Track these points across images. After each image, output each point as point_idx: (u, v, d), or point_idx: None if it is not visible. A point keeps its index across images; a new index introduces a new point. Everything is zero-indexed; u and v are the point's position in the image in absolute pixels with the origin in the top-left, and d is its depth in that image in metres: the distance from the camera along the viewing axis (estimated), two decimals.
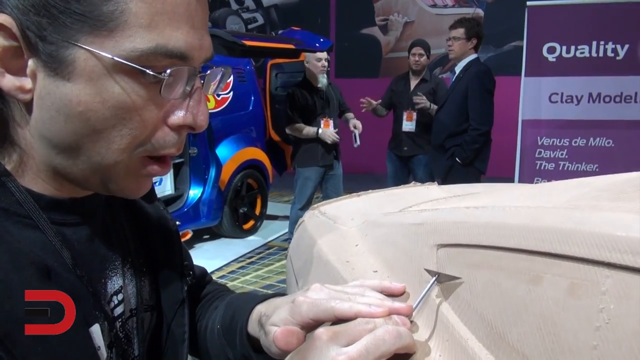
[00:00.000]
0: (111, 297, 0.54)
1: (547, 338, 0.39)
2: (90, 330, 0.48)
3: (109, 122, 0.43)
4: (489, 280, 0.47)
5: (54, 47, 0.41)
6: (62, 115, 0.42)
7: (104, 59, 0.41)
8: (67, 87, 0.42)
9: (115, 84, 0.42)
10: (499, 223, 0.49)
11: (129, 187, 0.48)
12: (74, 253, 0.48)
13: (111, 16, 0.40)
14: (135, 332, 0.58)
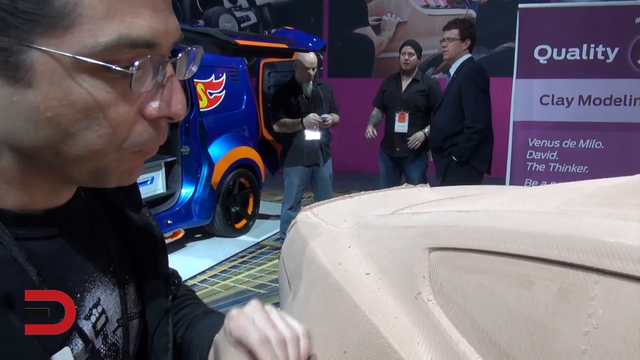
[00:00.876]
0: (90, 310, 0.52)
1: (537, 342, 0.40)
2: (54, 357, 0.44)
3: (83, 124, 0.40)
4: (480, 284, 0.48)
5: (7, 52, 0.37)
6: (30, 123, 0.40)
7: (64, 59, 0.38)
8: (30, 93, 0.39)
9: (81, 83, 0.39)
10: (490, 227, 0.49)
11: (121, 176, 0.47)
12: (42, 269, 0.45)
13: (64, 11, 0.37)
14: (121, 341, 0.56)
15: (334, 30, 8.26)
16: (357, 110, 5.66)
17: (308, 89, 3.97)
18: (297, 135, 3.96)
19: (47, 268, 0.46)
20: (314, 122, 3.86)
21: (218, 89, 4.64)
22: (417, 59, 4.02)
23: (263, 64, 5.06)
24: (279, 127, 4.05)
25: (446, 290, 0.52)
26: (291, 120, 3.93)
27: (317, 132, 3.93)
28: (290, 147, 4.00)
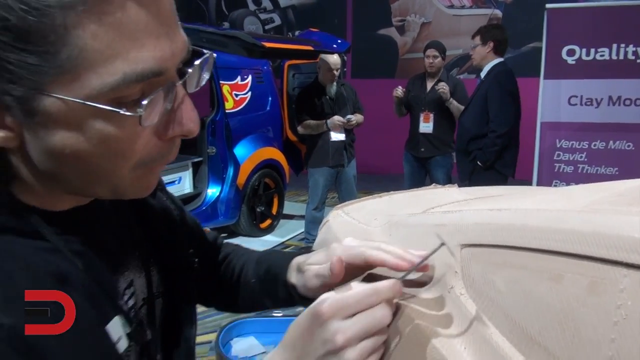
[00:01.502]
0: (123, 292, 0.57)
1: (567, 332, 0.42)
2: (107, 328, 0.50)
3: (101, 156, 0.43)
4: (512, 279, 0.50)
5: (21, 100, 0.40)
6: (54, 158, 0.43)
7: (74, 104, 0.40)
8: (49, 134, 0.42)
9: (94, 124, 0.42)
10: (521, 225, 0.52)
11: (139, 191, 0.51)
12: (84, 259, 0.50)
13: (70, 61, 0.39)
14: (147, 319, 0.61)
15: (358, 31, 8.28)
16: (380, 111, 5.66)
17: (332, 90, 4.00)
18: (322, 136, 3.99)
19: (85, 256, 0.50)
20: (338, 124, 3.89)
21: (244, 90, 4.72)
22: (442, 60, 4.01)
23: (288, 66, 5.12)
24: (303, 129, 4.09)
25: (478, 285, 0.55)
26: (315, 122, 3.97)
27: (342, 133, 3.96)
28: (315, 148, 4.04)
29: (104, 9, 0.38)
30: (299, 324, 0.51)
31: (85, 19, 0.38)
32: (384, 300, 0.51)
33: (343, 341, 0.47)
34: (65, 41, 0.38)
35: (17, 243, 0.45)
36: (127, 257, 0.59)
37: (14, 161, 0.46)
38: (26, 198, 0.48)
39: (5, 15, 0.36)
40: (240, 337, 1.94)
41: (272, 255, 0.77)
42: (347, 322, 0.48)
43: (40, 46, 0.38)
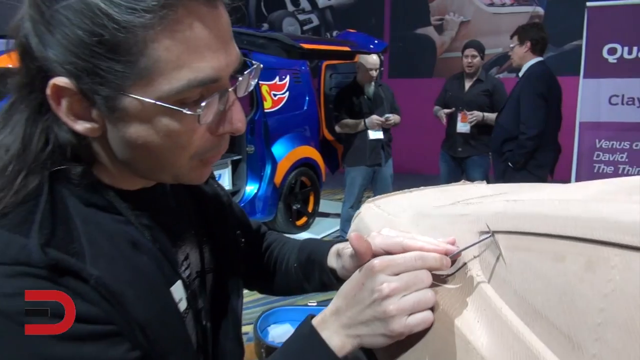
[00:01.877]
0: (181, 263, 0.67)
1: (565, 304, 0.48)
2: (171, 289, 0.60)
3: (165, 146, 0.53)
4: (522, 260, 0.56)
5: (107, 99, 0.49)
6: (128, 147, 0.53)
7: (147, 103, 0.49)
8: (125, 127, 0.51)
9: (161, 120, 0.51)
10: (531, 213, 0.58)
11: (195, 178, 0.59)
12: (150, 232, 0.60)
13: (146, 69, 0.48)
14: (198, 290, 0.71)
15: (395, 31, 8.28)
16: (418, 111, 5.67)
17: (370, 90, 4.05)
18: (359, 135, 4.04)
19: (152, 229, 0.61)
20: (376, 122, 3.94)
21: (282, 90, 4.82)
22: (481, 60, 3.97)
23: (325, 66, 5.20)
24: (341, 128, 4.15)
25: (492, 267, 0.61)
26: (353, 121, 4.03)
27: (379, 132, 4.01)
28: (353, 147, 4.09)
29: (175, 28, 0.47)
30: (353, 277, 0.59)
31: (161, 36, 0.47)
32: (427, 268, 0.58)
33: (388, 291, 0.55)
34: (144, 53, 0.47)
35: (99, 215, 0.55)
36: (184, 233, 0.69)
37: (97, 148, 0.56)
38: (105, 178, 0.58)
39: (101, 32, 0.46)
40: (276, 324, 2.05)
41: (313, 243, 0.85)
42: (393, 277, 0.56)
43: (125, 56, 0.47)
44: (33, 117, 0.53)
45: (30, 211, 0.50)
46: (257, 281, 0.91)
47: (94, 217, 0.54)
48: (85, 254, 0.50)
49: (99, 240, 0.53)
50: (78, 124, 0.52)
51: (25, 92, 0.53)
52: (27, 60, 0.51)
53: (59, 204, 0.52)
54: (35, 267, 0.47)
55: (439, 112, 4.18)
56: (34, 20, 0.49)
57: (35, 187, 0.52)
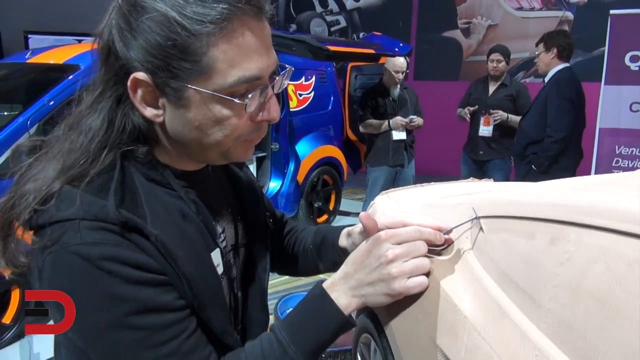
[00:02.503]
0: (219, 234, 0.79)
1: (532, 271, 0.59)
2: (211, 255, 0.72)
3: (215, 129, 0.64)
4: (502, 239, 0.67)
5: (175, 90, 0.62)
6: (185, 129, 0.65)
7: (205, 94, 0.62)
8: (186, 112, 0.63)
9: (215, 106, 0.63)
10: (512, 200, 0.69)
11: (241, 155, 0.71)
12: (196, 206, 0.72)
13: (207, 67, 0.60)
14: (232, 261, 0.83)
15: (422, 33, 8.29)
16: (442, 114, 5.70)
17: (395, 92, 4.12)
18: (383, 136, 4.09)
19: (197, 204, 0.73)
20: (401, 123, 4.01)
21: (307, 90, 4.92)
22: (506, 65, 3.98)
23: (350, 67, 5.27)
24: (365, 128, 4.22)
25: (480, 246, 0.72)
26: (377, 121, 4.09)
27: (403, 133, 4.08)
28: (376, 147, 4.15)
29: (232, 35, 0.60)
30: (360, 246, 0.72)
31: (220, 41, 0.60)
32: (424, 239, 0.70)
33: (392, 256, 0.67)
34: (207, 54, 0.60)
35: (157, 188, 0.69)
36: (222, 210, 0.82)
37: (158, 131, 0.69)
38: (163, 159, 0.71)
39: (175, 38, 0.59)
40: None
41: (327, 227, 0.97)
42: (396, 245, 0.69)
43: (192, 57, 0.60)
44: (115, 104, 0.66)
45: (107, 180, 0.63)
46: (278, 263, 1.02)
47: (153, 189, 0.68)
48: (147, 217, 0.63)
49: (156, 208, 0.65)
50: (147, 110, 0.64)
51: (110, 84, 0.65)
52: (112, 59, 0.64)
53: (127, 177, 0.66)
54: (110, 224, 0.60)
55: (462, 112, 4.22)
56: (121, 28, 0.62)
57: (110, 162, 0.65)
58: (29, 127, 3.10)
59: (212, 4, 0.59)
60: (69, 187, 0.62)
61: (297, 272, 1.01)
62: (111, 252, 0.59)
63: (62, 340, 0.71)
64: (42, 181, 0.63)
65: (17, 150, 0.71)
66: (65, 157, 0.65)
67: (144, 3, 0.60)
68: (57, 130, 0.70)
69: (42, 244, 0.59)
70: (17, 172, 0.68)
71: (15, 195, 0.64)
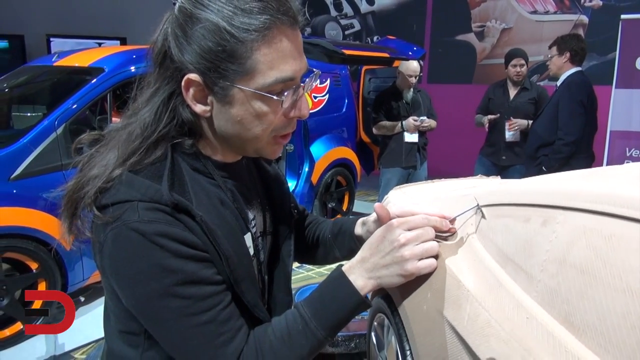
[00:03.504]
0: (251, 222, 0.86)
1: (526, 250, 0.67)
2: (244, 237, 0.81)
3: (255, 123, 0.73)
4: (503, 224, 0.76)
5: (222, 89, 0.70)
6: (229, 123, 0.74)
7: (248, 92, 0.70)
8: (231, 109, 0.72)
9: (255, 103, 0.71)
10: (512, 190, 0.77)
11: (270, 152, 0.80)
12: (232, 194, 0.80)
13: (250, 68, 0.69)
14: (260, 246, 0.91)
15: (436, 37, 8.32)
16: (456, 117, 5.72)
17: (408, 95, 4.16)
18: (396, 137, 4.14)
19: (233, 193, 0.83)
20: (413, 124, 4.06)
21: (322, 92, 4.99)
22: (527, 69, 3.98)
23: (364, 70, 5.33)
24: (378, 130, 4.27)
25: (484, 231, 0.80)
26: (390, 123, 4.14)
27: (415, 135, 4.13)
28: (389, 149, 4.20)
29: (272, 40, 0.69)
30: (375, 233, 0.80)
31: (262, 45, 0.69)
32: (431, 226, 0.79)
33: (404, 240, 0.76)
34: (250, 57, 0.69)
35: (200, 177, 0.78)
36: (252, 199, 0.91)
37: (204, 126, 0.78)
38: (205, 151, 0.80)
39: (224, 44, 0.69)
40: None
41: (344, 218, 1.06)
42: (407, 231, 0.77)
43: (237, 59, 0.69)
44: (167, 101, 0.76)
45: (161, 168, 0.73)
46: (299, 252, 1.11)
47: (197, 178, 0.77)
48: (192, 201, 0.73)
49: (200, 194, 0.75)
50: (197, 106, 0.74)
51: (164, 83, 0.74)
52: (168, 61, 0.73)
53: (176, 166, 0.75)
54: (164, 205, 0.70)
55: (481, 118, 4.18)
56: (177, 35, 0.71)
57: (162, 153, 0.75)
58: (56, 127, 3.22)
59: (257, 15, 0.68)
60: (128, 173, 0.72)
61: (317, 259, 1.09)
62: (164, 229, 0.68)
63: (112, 308, 0.81)
64: (105, 167, 0.73)
65: (79, 143, 0.81)
66: (124, 147, 0.75)
67: (199, 15, 0.69)
68: (117, 123, 0.80)
69: (105, 220, 0.69)
70: (79, 162, 0.78)
71: (81, 179, 0.74)
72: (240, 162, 0.88)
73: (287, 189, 1.02)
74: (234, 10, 0.69)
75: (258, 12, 0.68)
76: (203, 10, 0.70)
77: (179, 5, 0.73)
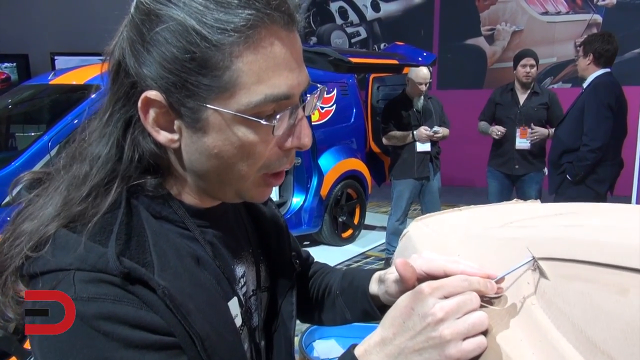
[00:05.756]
0: (239, 280, 0.69)
1: (630, 341, 0.45)
2: (228, 304, 0.63)
3: (237, 158, 0.56)
4: (581, 291, 0.53)
5: (192, 111, 0.54)
6: (203, 156, 0.56)
7: (227, 115, 0.53)
8: (204, 137, 0.55)
9: (238, 130, 0.54)
10: (592, 240, 0.55)
11: (256, 196, 0.62)
12: (213, 248, 0.63)
13: (229, 82, 0.52)
14: (254, 307, 0.72)
15: (445, 42, 8.17)
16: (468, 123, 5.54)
17: (419, 103, 4.02)
18: (407, 147, 4.01)
19: (214, 246, 0.64)
20: (425, 134, 3.89)
21: (329, 103, 4.87)
22: (537, 70, 3.81)
23: (372, 78, 5.21)
24: (388, 140, 4.13)
25: (549, 296, 0.58)
26: (401, 133, 4.00)
27: (427, 144, 3.96)
28: (400, 160, 4.06)
29: (259, 45, 0.52)
30: (399, 303, 0.57)
31: (246, 52, 0.52)
32: (473, 290, 0.56)
33: (442, 314, 0.52)
34: (229, 67, 0.52)
35: (169, 229, 0.59)
36: (242, 251, 0.71)
37: (173, 160, 0.59)
38: (176, 192, 0.62)
39: (193, 50, 0.51)
40: (322, 340, 2.04)
41: (356, 270, 0.85)
42: (444, 300, 0.54)
43: (213, 71, 0.52)
44: (123, 129, 0.57)
45: (110, 222, 0.54)
46: (300, 309, 0.89)
47: (163, 230, 0.58)
48: (155, 265, 0.53)
49: (166, 253, 0.55)
50: (161, 134, 0.56)
51: (118, 106, 0.57)
52: (122, 76, 0.56)
53: (134, 216, 0.56)
54: (110, 275, 0.50)
55: (489, 129, 3.93)
56: (133, 40, 0.54)
57: (115, 199, 0.55)
58: (50, 148, 3.11)
59: (237, 10, 0.51)
60: (65, 230, 0.53)
61: (322, 320, 0.88)
62: (110, 310, 0.49)
63: None
64: (40, 221, 0.54)
65: (16, 184, 0.62)
66: (65, 193, 0.56)
67: (159, 11, 0.52)
68: (60, 161, 0.61)
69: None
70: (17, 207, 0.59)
71: (10, 236, 0.55)
72: (225, 205, 0.68)
73: (287, 233, 0.82)
74: (206, 3, 0.51)
75: (239, 5, 0.51)
76: (165, 5, 0.51)
77: (136, 1, 0.54)
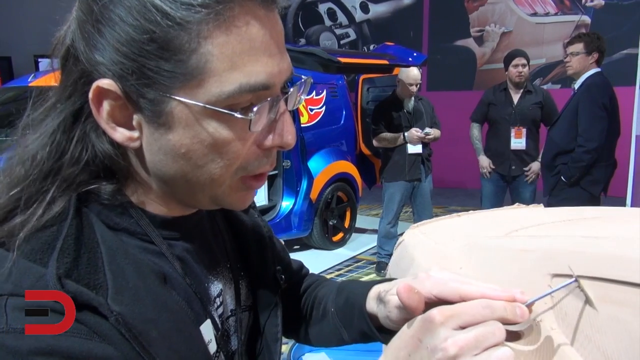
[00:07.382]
0: (214, 299, 0.60)
1: None
2: (200, 328, 0.54)
3: (208, 158, 0.48)
4: (612, 316, 0.46)
5: (152, 102, 0.46)
6: (168, 157, 0.48)
7: (195, 107, 0.45)
8: (168, 134, 0.47)
9: (209, 126, 0.46)
10: (623, 256, 0.47)
11: (234, 202, 0.54)
12: (182, 263, 0.54)
13: (197, 68, 0.44)
14: (233, 329, 0.63)
15: (434, 43, 8.15)
16: (458, 124, 5.52)
17: (410, 104, 3.97)
18: (398, 149, 3.94)
19: (184, 262, 0.55)
20: (416, 135, 3.84)
21: (318, 105, 4.80)
22: (528, 70, 3.77)
23: (362, 80, 5.14)
24: (379, 142, 4.07)
25: (572, 319, 0.50)
26: (391, 135, 3.94)
27: (419, 146, 3.90)
28: (391, 162, 4.00)
29: (232, 24, 0.44)
30: (404, 331, 0.49)
31: (216, 31, 0.44)
32: (497, 319, 0.46)
33: (456, 350, 0.43)
34: (196, 50, 0.44)
35: (128, 241, 0.50)
36: (219, 267, 0.62)
37: (134, 162, 0.51)
38: (138, 200, 0.53)
39: (152, 29, 0.43)
40: (311, 353, 1.96)
41: (352, 284, 0.73)
42: (460, 332, 0.44)
43: (176, 54, 0.44)
44: (68, 123, 0.48)
45: (53, 237, 0.45)
46: (291, 327, 0.80)
47: (122, 244, 0.49)
48: (109, 287, 0.44)
49: (125, 272, 0.46)
50: (118, 131, 0.48)
51: (63, 97, 0.48)
52: (71, 62, 0.48)
53: (85, 228, 0.47)
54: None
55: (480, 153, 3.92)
56: (82, 20, 0.46)
57: (62, 209, 0.46)
58: None
59: None
60: None
61: (316, 340, 0.78)
62: (49, 343, 0.41)
63: None
64: None
65: None
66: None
67: None
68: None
69: None
70: None
71: None
72: (199, 213, 0.59)
73: (271, 244, 0.72)
74: None
75: None
76: None
77: None
